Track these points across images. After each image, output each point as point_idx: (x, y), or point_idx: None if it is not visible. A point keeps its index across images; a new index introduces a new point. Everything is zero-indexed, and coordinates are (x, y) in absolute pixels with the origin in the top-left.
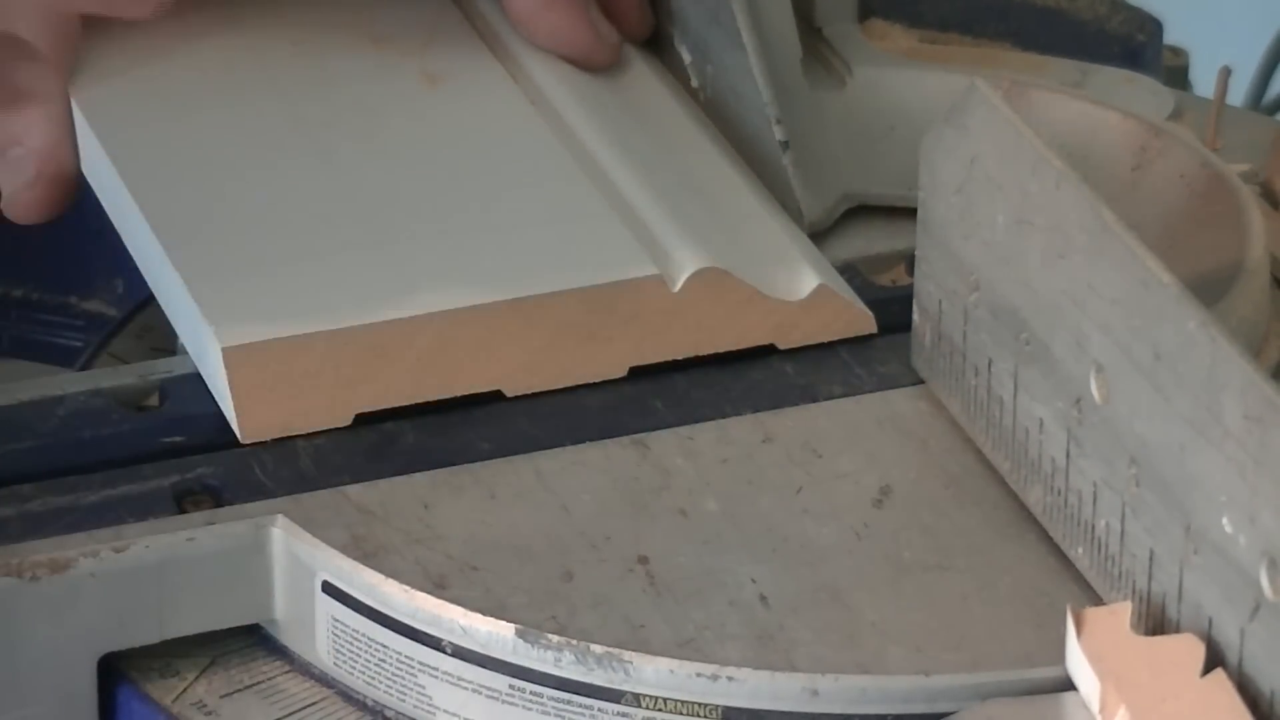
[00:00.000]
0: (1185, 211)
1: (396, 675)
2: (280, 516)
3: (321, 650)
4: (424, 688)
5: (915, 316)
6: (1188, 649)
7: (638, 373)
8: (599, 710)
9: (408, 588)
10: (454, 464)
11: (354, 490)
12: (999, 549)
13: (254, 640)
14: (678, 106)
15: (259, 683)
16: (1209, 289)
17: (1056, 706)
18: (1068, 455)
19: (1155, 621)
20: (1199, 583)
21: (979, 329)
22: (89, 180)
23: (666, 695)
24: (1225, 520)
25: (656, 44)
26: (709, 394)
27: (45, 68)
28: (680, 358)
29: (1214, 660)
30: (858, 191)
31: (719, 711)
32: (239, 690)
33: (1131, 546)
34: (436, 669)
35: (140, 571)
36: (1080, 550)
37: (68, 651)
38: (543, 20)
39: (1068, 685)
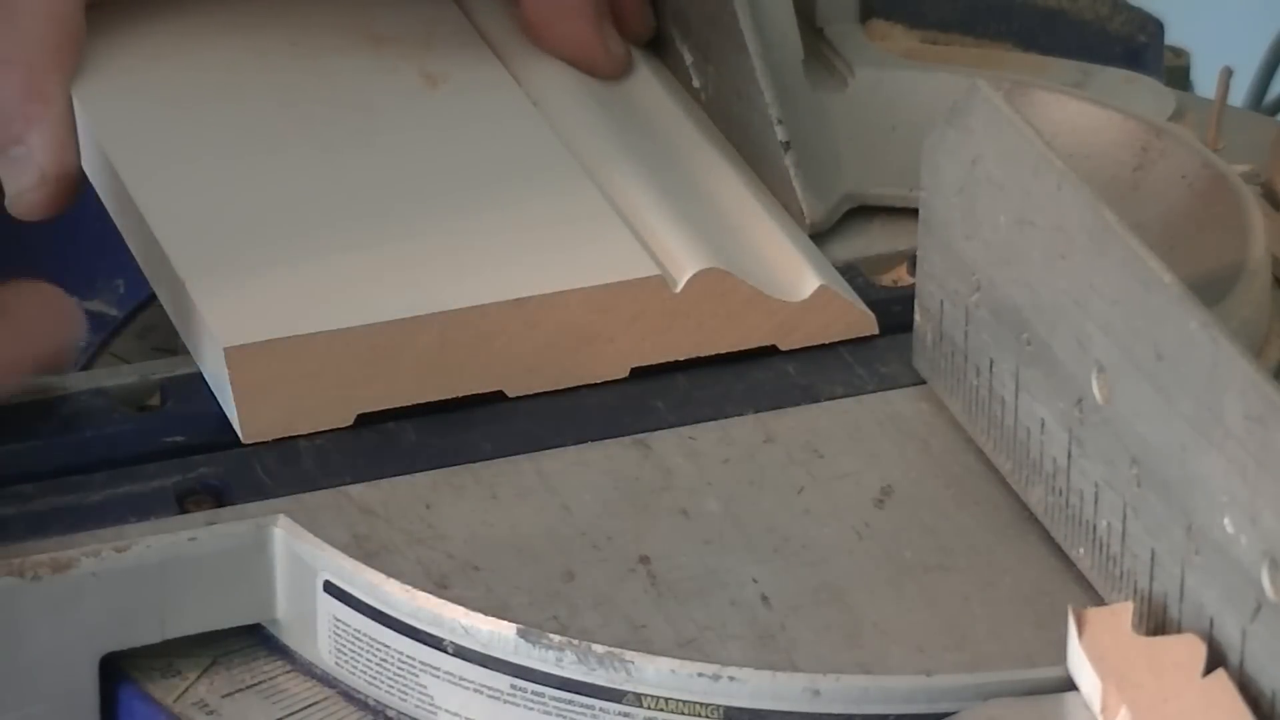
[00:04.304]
0: (1186, 212)
1: (398, 675)
2: (282, 516)
3: (323, 650)
4: (425, 687)
5: (917, 317)
6: (1189, 649)
7: (639, 373)
8: (600, 710)
9: (409, 587)
10: (455, 464)
11: (355, 490)
12: (1000, 549)
13: (255, 640)
14: (679, 107)
15: (260, 682)
16: (1210, 289)
17: (1058, 706)
18: (1069, 455)
19: (1156, 622)
20: (1200, 583)
21: (980, 329)
22: (90, 179)
23: (668, 695)
24: (1226, 520)
25: (658, 45)
26: (710, 394)
27: (47, 66)
28: (682, 358)
29: (1215, 660)
30: (859, 192)
31: (720, 711)
32: (240, 690)
33: (1133, 547)
34: (438, 669)
35: (142, 571)
36: (1081, 550)
37: (69, 651)
38: (555, 29)
39: (1069, 685)
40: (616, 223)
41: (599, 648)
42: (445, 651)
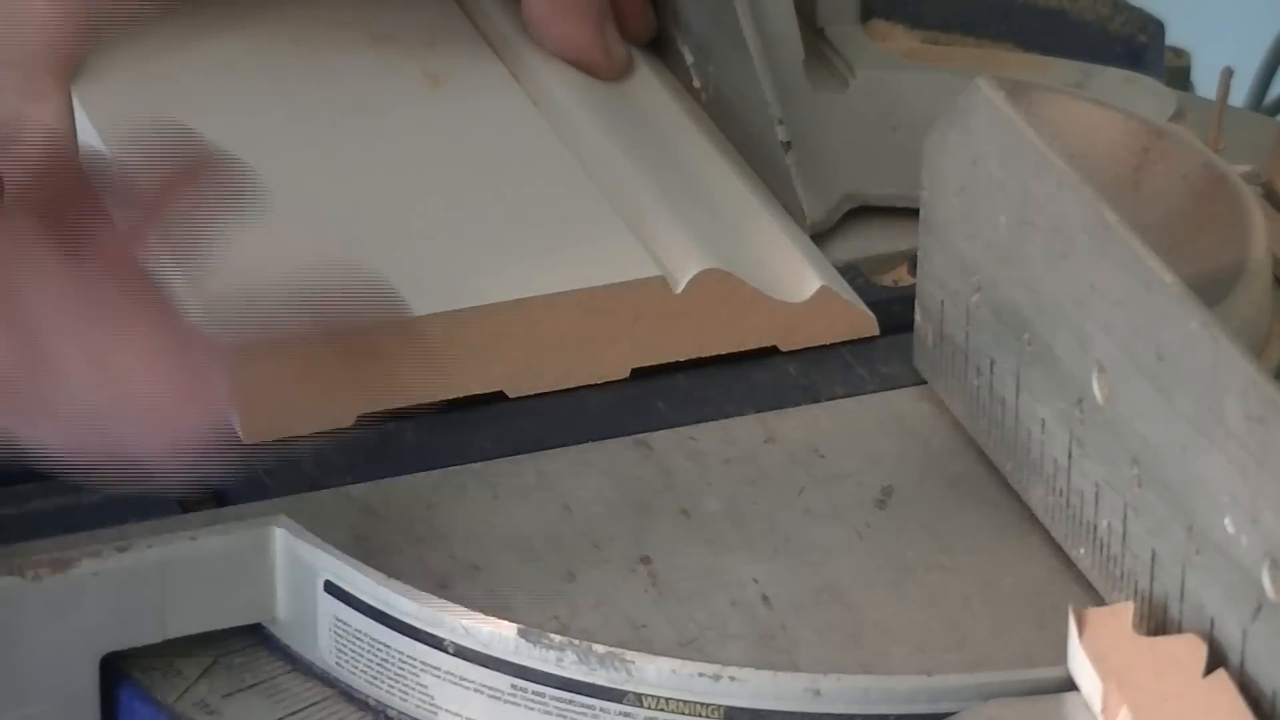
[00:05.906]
0: (1187, 212)
1: (399, 675)
2: (282, 516)
3: (324, 650)
4: (426, 687)
5: (917, 317)
6: (1190, 649)
7: (640, 373)
8: (601, 710)
9: (410, 587)
10: (456, 464)
11: (356, 490)
12: (1001, 549)
13: (256, 640)
14: (680, 107)
15: (261, 682)
16: (1211, 289)
17: (1058, 706)
18: (1070, 455)
19: (1157, 622)
20: (1201, 583)
21: (981, 329)
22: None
23: (668, 695)
24: (1227, 520)
25: (659, 45)
26: (711, 394)
27: (46, 65)
28: (683, 359)
29: (1216, 660)
30: (860, 192)
31: (721, 711)
32: (241, 690)
33: (1133, 547)
34: (439, 669)
35: (143, 571)
36: (1082, 550)
37: (70, 651)
38: (555, 28)
39: (1070, 685)
40: (617, 223)
41: (600, 648)
42: (446, 651)
